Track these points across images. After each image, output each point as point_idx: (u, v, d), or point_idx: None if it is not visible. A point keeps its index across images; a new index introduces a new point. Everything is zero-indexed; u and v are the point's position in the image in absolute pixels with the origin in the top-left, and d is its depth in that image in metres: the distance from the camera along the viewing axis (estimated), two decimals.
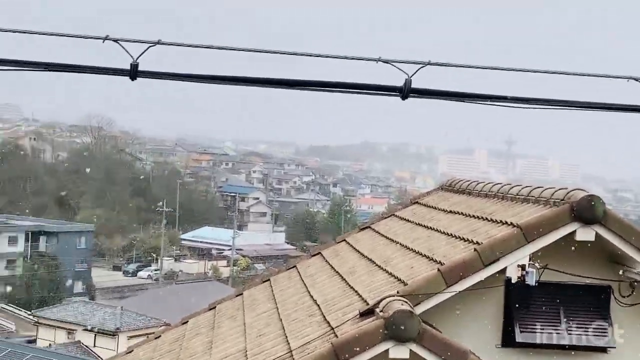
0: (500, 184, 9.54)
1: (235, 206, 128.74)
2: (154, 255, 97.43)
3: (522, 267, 7.14)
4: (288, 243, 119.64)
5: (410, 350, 6.16)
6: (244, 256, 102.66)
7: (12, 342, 46.05)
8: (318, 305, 8.17)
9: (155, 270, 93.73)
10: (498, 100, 4.76)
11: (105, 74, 4.23)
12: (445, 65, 4.45)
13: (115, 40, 4.05)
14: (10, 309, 74.85)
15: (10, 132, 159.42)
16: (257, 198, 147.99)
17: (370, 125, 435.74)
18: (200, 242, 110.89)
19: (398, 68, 4.29)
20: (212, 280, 79.95)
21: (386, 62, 4.26)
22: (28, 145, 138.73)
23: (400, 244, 9.25)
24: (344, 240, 11.32)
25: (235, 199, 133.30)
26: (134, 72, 4.16)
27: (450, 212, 9.67)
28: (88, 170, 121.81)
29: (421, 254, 8.23)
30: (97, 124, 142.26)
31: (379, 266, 8.62)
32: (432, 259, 7.79)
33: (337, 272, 9.46)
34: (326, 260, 10.52)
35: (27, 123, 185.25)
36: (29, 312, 64.55)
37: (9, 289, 78.73)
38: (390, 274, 8.04)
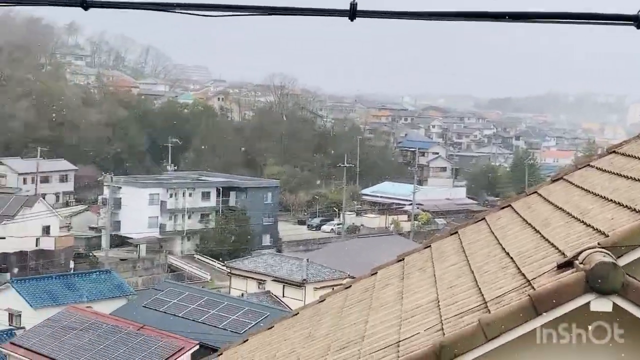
0: None
1: (414, 161, 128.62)
2: (336, 209, 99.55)
3: None
4: (469, 197, 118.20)
5: (614, 303, 5.92)
6: (424, 211, 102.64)
7: (209, 291, 48.99)
8: (511, 258, 8.01)
9: (338, 224, 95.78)
10: None
11: (326, 15, 4.21)
12: None
13: None
14: (205, 260, 79.58)
15: (201, 93, 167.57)
16: (437, 153, 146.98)
17: (555, 74, 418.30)
18: (381, 197, 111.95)
19: None
20: (393, 234, 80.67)
21: None
22: (217, 105, 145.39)
23: (598, 194, 8.86)
24: (536, 192, 11.00)
25: (414, 154, 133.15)
26: (352, 12, 4.12)
27: None
28: (272, 128, 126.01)
29: (622, 205, 7.84)
30: (280, 83, 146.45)
31: (576, 218, 8.31)
32: (634, 210, 7.41)
33: (529, 224, 9.22)
34: (517, 213, 10.28)
35: (215, 84, 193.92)
36: (222, 263, 68.26)
37: (203, 241, 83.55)
38: (588, 225, 7.73)
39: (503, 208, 11.21)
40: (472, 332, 6.07)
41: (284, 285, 50.89)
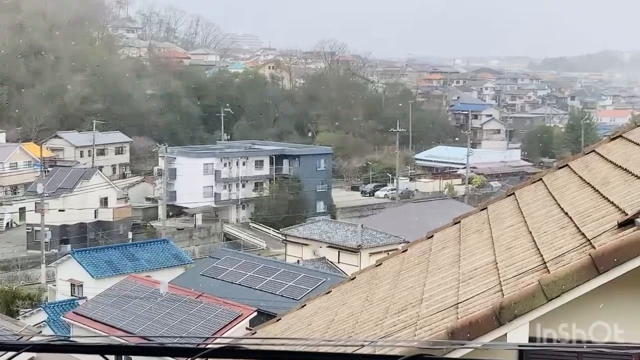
0: None
1: (468, 124, 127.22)
2: (390, 175, 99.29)
3: None
4: (524, 159, 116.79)
5: None
6: (478, 174, 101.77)
7: (265, 259, 49.50)
8: (570, 217, 7.90)
9: (392, 189, 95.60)
10: None
11: None
12: None
13: None
14: (260, 227, 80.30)
15: (251, 62, 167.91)
16: (490, 115, 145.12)
17: (610, 32, 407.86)
18: (434, 161, 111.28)
19: None
20: (447, 198, 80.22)
21: None
22: (267, 73, 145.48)
23: None
24: (593, 150, 10.80)
25: (467, 117, 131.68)
26: None
27: None
28: (323, 95, 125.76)
29: None
30: (330, 49, 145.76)
31: (636, 175, 8.14)
32: None
33: (587, 183, 9.08)
34: (574, 172, 10.12)
35: (265, 52, 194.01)
36: (277, 231, 68.79)
37: (258, 209, 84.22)
38: None
39: (560, 168, 11.06)
40: (532, 292, 6.03)
41: (339, 251, 51.09)
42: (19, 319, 39.80)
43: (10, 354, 2.44)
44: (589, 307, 6.21)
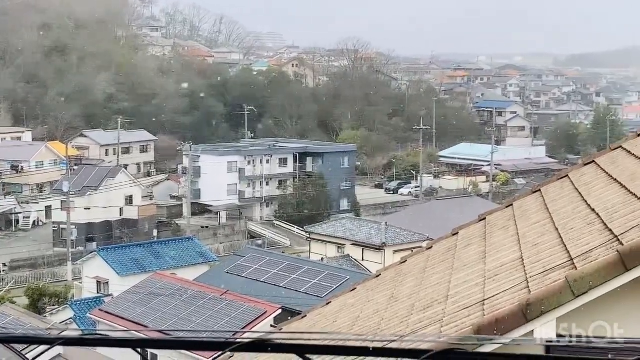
0: None
1: (492, 121, 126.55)
2: (414, 172, 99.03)
3: None
4: (549, 156, 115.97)
5: None
6: (503, 171, 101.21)
7: (289, 256, 49.59)
8: (597, 214, 7.84)
9: (416, 187, 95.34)
10: None
11: None
12: None
13: None
14: (284, 225, 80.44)
15: (275, 60, 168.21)
16: (515, 112, 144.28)
17: (636, 28, 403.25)
18: (458, 158, 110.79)
19: None
20: (472, 196, 79.85)
21: None
22: (291, 71, 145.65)
23: None
24: (620, 146, 10.70)
25: (492, 114, 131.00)
26: None
27: None
28: (347, 92, 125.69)
29: None
30: (353, 47, 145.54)
31: None
32: None
33: (615, 179, 9.00)
34: (601, 168, 10.03)
35: (289, 50, 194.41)
36: (301, 229, 68.91)
37: (282, 207, 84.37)
38: None
39: (587, 164, 10.96)
40: (559, 289, 6.00)
41: (363, 249, 51.08)
42: (46, 316, 40.28)
43: (43, 348, 2.47)
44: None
